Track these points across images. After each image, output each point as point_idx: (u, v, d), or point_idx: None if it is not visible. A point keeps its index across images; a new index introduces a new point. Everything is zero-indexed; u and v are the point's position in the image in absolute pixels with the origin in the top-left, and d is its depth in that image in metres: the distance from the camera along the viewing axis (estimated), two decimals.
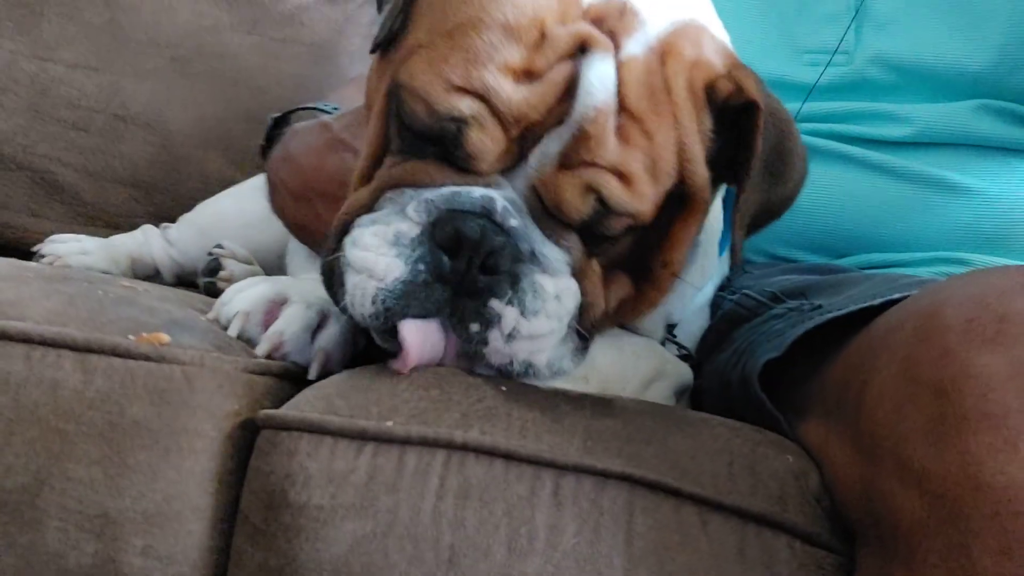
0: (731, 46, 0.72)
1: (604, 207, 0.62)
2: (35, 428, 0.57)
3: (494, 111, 0.60)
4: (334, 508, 0.55)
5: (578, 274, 0.64)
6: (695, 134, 0.64)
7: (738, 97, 0.65)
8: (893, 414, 0.54)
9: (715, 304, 0.90)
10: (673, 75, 0.63)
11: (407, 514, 0.55)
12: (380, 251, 0.61)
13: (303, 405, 0.60)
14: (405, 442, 0.57)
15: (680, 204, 0.66)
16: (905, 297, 0.64)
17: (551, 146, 0.61)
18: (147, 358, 0.59)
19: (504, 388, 0.63)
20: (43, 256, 1.08)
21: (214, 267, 1.04)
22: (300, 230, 0.83)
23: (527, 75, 0.60)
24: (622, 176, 0.61)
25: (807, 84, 0.93)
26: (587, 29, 0.62)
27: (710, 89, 0.65)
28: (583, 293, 0.64)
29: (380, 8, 0.71)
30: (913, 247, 0.92)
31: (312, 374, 0.67)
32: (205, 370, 0.60)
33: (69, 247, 1.09)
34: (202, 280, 1.05)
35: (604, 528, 0.56)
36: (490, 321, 0.60)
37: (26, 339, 0.58)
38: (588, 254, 0.65)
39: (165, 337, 0.60)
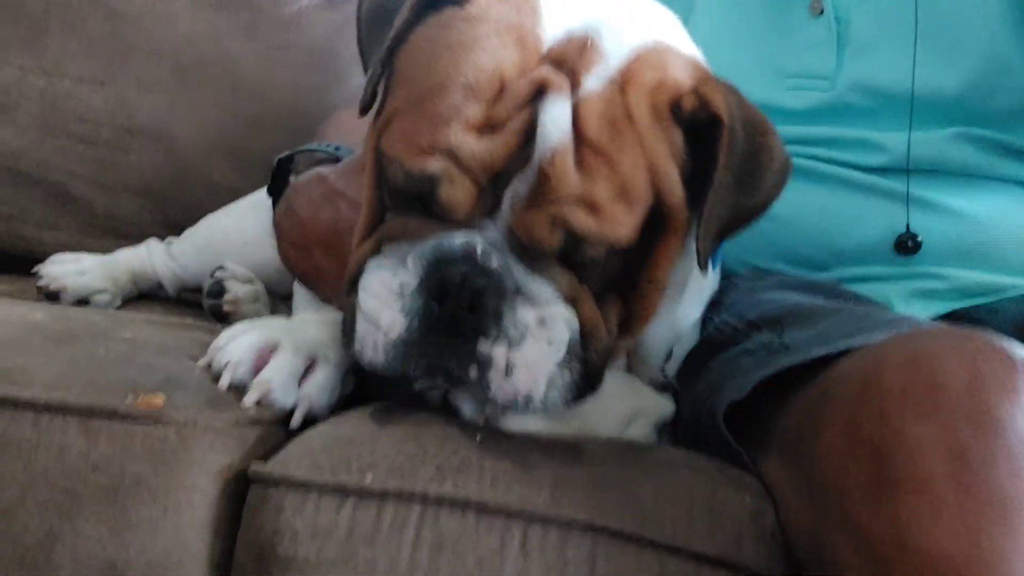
0: (704, 61, 0.74)
1: (574, 237, 0.65)
2: (46, 490, 0.62)
3: (461, 165, 0.63)
4: (319, 562, 0.60)
5: (572, 302, 0.67)
6: (666, 155, 0.67)
7: (704, 112, 0.67)
8: (838, 468, 0.58)
9: (701, 323, 0.93)
10: (635, 102, 0.66)
11: (384, 566, 0.60)
12: (386, 302, 0.65)
13: (289, 461, 0.65)
14: (383, 497, 0.62)
15: (661, 224, 0.68)
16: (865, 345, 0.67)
17: (520, 189, 0.64)
18: (144, 420, 0.64)
19: (478, 438, 0.67)
20: (42, 277, 1.12)
21: (218, 289, 1.08)
22: (304, 278, 0.88)
23: (489, 128, 0.64)
24: (589, 206, 0.64)
25: (789, 109, 0.94)
26: (545, 74, 0.65)
27: (676, 108, 0.67)
28: (581, 321, 0.68)
29: (365, 69, 0.73)
30: (892, 262, 0.94)
31: (294, 423, 0.71)
32: (198, 429, 0.65)
33: (66, 268, 1.13)
34: (207, 302, 1.09)
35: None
36: (484, 364, 0.64)
37: (33, 406, 0.63)
38: (578, 279, 0.68)
39: (160, 399, 0.65)
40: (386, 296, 0.65)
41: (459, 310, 0.64)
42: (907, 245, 0.92)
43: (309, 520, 0.61)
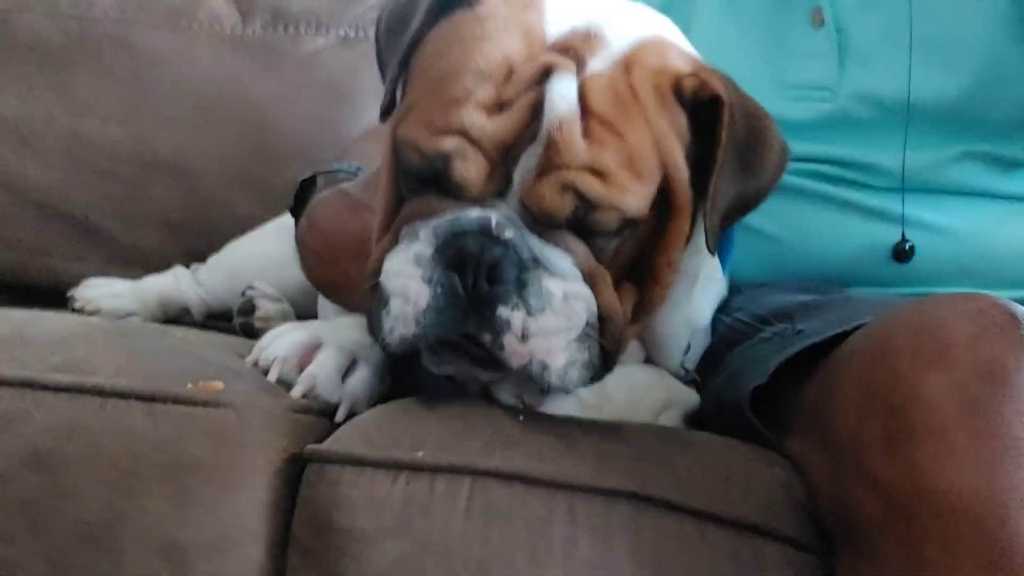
0: (699, 56, 0.78)
1: (585, 202, 0.67)
2: (111, 470, 0.65)
3: (473, 142, 0.67)
4: (376, 531, 0.63)
5: (589, 280, 0.69)
6: (670, 133, 0.70)
7: (704, 92, 0.71)
8: (855, 427, 0.61)
9: (713, 325, 0.97)
10: (639, 82, 0.70)
11: (440, 534, 0.62)
12: (408, 274, 0.67)
13: (343, 440, 0.68)
14: (435, 470, 0.65)
15: (669, 205, 0.72)
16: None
17: (529, 162, 0.67)
18: (204, 404, 0.67)
19: (521, 418, 0.70)
20: (76, 300, 1.16)
21: (249, 307, 1.12)
22: (330, 290, 0.90)
23: (499, 107, 0.67)
24: (597, 173, 0.67)
25: (791, 120, 0.96)
26: (551, 57, 0.69)
27: (677, 89, 0.71)
28: (600, 304, 0.69)
29: (384, 77, 0.78)
30: (893, 283, 0.96)
31: (339, 417, 0.73)
32: (255, 412, 0.68)
33: (101, 291, 1.17)
34: (238, 320, 1.13)
35: (614, 540, 0.63)
36: (500, 329, 0.66)
37: (100, 392, 0.66)
38: (595, 257, 0.69)
39: (219, 384, 0.68)
40: (406, 270, 0.67)
41: (479, 281, 0.65)
42: (904, 250, 0.94)
43: (365, 491, 0.64)
